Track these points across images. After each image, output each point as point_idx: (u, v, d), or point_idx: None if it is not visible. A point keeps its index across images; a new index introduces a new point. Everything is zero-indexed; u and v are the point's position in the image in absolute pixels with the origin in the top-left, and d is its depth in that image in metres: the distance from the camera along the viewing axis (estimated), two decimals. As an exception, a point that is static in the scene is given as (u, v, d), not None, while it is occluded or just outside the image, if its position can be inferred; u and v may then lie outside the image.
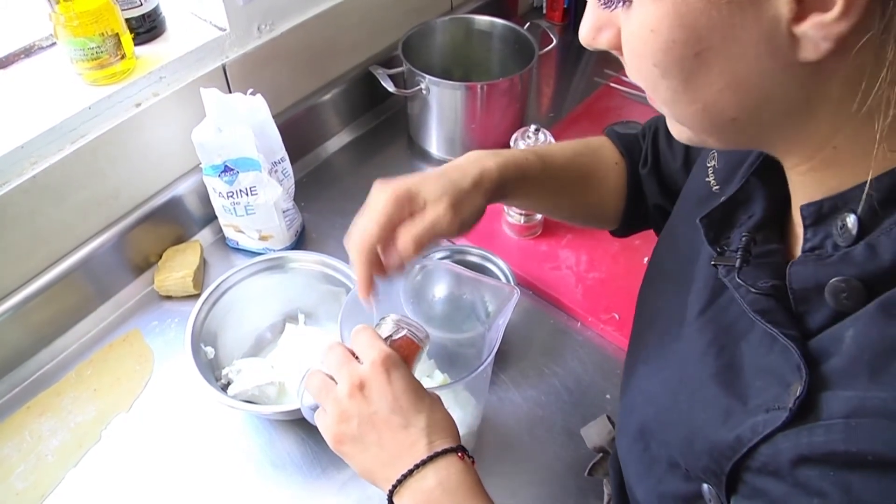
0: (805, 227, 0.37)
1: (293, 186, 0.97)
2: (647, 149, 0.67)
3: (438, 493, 0.47)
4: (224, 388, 0.76)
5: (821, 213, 0.36)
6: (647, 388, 0.51)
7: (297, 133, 1.05)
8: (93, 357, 0.85)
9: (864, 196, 0.33)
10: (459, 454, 0.49)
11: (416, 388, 0.51)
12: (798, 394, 0.34)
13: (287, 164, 0.94)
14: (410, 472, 0.47)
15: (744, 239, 0.42)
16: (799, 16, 0.29)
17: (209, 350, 0.78)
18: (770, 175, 0.43)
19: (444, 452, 0.48)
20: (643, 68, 0.35)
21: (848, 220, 0.34)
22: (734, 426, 0.38)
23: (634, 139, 0.69)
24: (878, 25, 0.28)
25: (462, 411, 0.69)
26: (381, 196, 0.56)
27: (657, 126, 0.67)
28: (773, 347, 0.37)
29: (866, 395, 0.31)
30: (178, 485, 0.73)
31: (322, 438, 0.74)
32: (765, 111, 0.34)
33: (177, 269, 0.90)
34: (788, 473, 0.34)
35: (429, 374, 0.77)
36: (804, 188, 0.39)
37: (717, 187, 0.50)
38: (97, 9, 0.77)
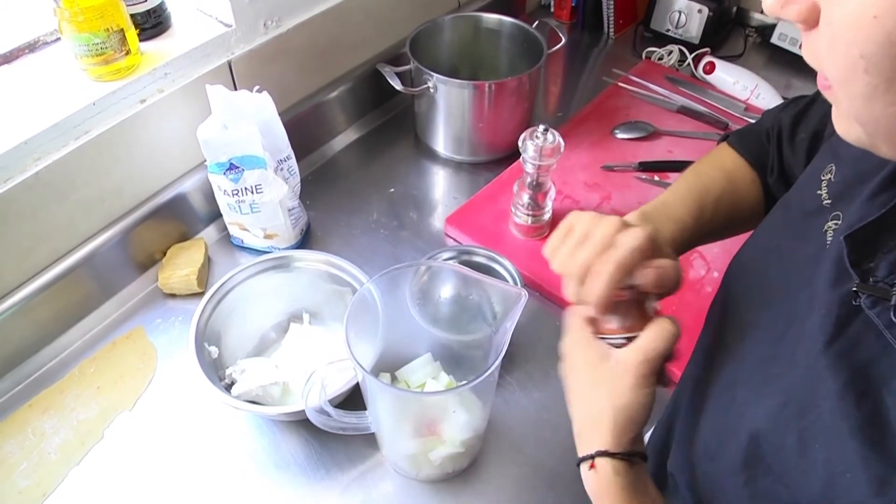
0: None
1: (299, 184, 0.96)
2: (774, 154, 0.64)
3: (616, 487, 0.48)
4: (228, 387, 0.76)
5: None
6: (750, 416, 0.45)
7: (303, 131, 1.05)
8: (96, 355, 0.84)
9: None
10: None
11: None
12: None
13: (293, 161, 0.93)
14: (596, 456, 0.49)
15: None
16: None
17: (213, 349, 0.77)
18: None
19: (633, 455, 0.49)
20: (847, 56, 0.31)
21: None
22: (892, 501, 0.33)
23: (760, 145, 0.66)
24: None
25: (468, 414, 0.68)
26: (640, 234, 0.49)
27: (780, 128, 0.64)
28: None
29: None
30: (180, 484, 0.73)
31: (326, 439, 0.75)
32: None
33: (181, 267, 0.90)
34: None
35: (434, 377, 0.76)
36: None
37: (828, 201, 0.46)
38: (102, 4, 0.76)
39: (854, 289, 0.39)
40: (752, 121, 0.85)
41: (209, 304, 0.77)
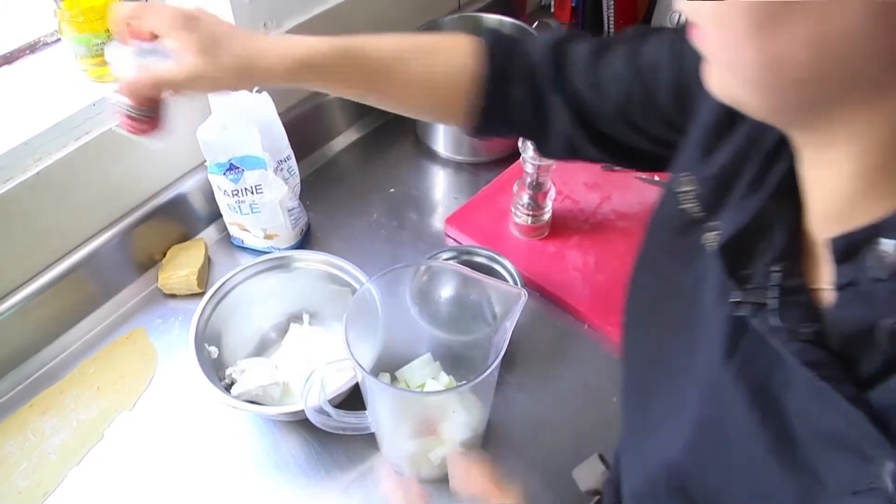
0: (836, 264, 0.33)
1: (299, 185, 0.96)
2: (549, 76, 0.59)
3: None
4: (228, 387, 0.76)
5: (851, 248, 0.32)
6: (670, 457, 0.44)
7: (303, 131, 1.05)
8: (96, 355, 0.84)
9: None
10: None
11: None
12: (893, 471, 0.29)
13: (293, 162, 0.93)
14: None
15: (775, 274, 0.36)
16: None
17: (213, 349, 0.77)
18: (787, 199, 0.38)
19: None
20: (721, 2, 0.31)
21: (884, 248, 0.31)
22: None
23: (508, 49, 0.60)
24: None
25: (468, 414, 0.68)
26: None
27: (569, 57, 0.59)
28: (825, 404, 0.32)
29: None
30: (180, 485, 0.73)
31: (326, 439, 0.75)
32: (833, 81, 0.30)
33: (181, 268, 0.90)
34: None
35: (434, 377, 0.76)
36: (834, 196, 0.34)
37: (699, 213, 0.44)
38: (102, 5, 0.76)
39: (731, 300, 0.38)
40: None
41: (209, 304, 0.77)
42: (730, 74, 0.34)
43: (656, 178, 1.06)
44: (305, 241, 0.97)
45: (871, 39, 0.27)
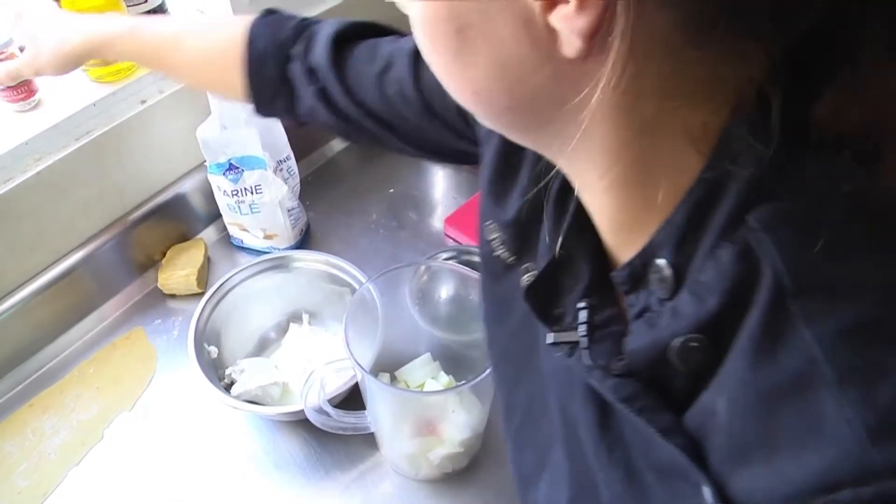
0: (626, 294, 0.33)
1: (298, 185, 0.96)
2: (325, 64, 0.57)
3: None
4: (227, 387, 0.76)
5: (634, 276, 0.32)
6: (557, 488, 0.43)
7: (303, 131, 1.03)
8: (95, 355, 0.84)
9: (660, 234, 0.30)
10: None
11: None
12: (711, 495, 0.28)
13: (292, 162, 0.93)
14: None
15: (583, 311, 0.35)
16: (548, 5, 0.25)
17: (212, 349, 0.77)
18: (585, 233, 0.37)
19: None
20: (419, 39, 0.31)
21: (660, 267, 0.30)
22: None
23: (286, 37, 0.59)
24: (626, 26, 0.24)
25: (467, 414, 0.68)
26: None
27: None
28: (648, 438, 0.31)
29: (775, 476, 0.26)
30: (180, 485, 0.73)
31: (326, 439, 0.75)
32: (538, 105, 0.30)
33: (181, 268, 0.90)
34: None
35: (434, 376, 0.76)
36: (605, 214, 0.34)
37: (512, 258, 0.44)
38: (102, 5, 0.76)
39: (547, 342, 0.37)
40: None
41: (209, 304, 0.78)
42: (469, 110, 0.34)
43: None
44: (305, 241, 0.98)
45: (545, 62, 0.27)
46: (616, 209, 0.32)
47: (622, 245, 0.34)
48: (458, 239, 0.98)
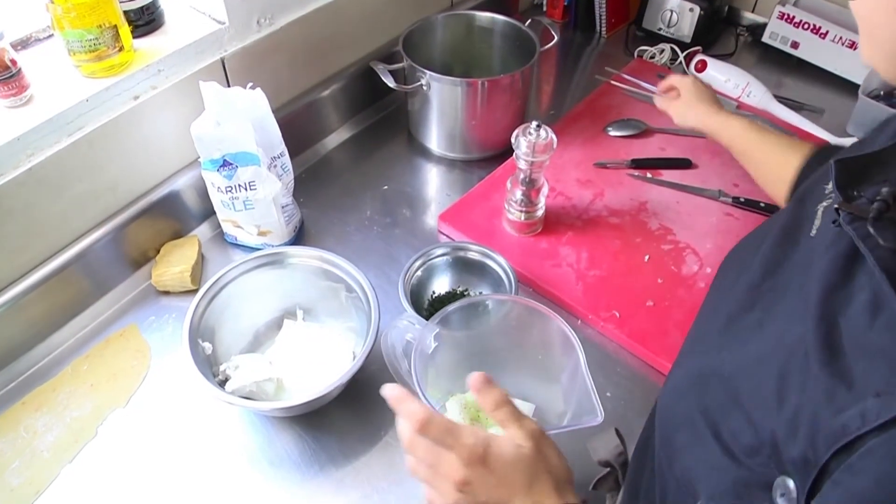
0: None
1: (292, 182, 0.96)
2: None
3: None
4: (222, 383, 0.76)
5: None
6: (731, 361, 0.45)
7: (297, 129, 1.05)
8: (89, 352, 0.84)
9: None
10: None
11: (514, 461, 0.47)
12: None
13: (286, 158, 0.93)
14: None
15: (885, 191, 0.39)
16: None
17: (207, 345, 0.77)
18: None
19: None
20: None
21: None
22: (838, 410, 0.33)
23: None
24: None
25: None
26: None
27: None
28: (876, 321, 0.34)
29: None
30: (174, 481, 0.73)
31: (320, 435, 0.75)
32: None
33: (175, 264, 0.90)
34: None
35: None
36: None
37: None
38: (94, 1, 0.76)
39: (836, 207, 0.40)
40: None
41: (203, 299, 0.77)
42: (877, 43, 0.40)
43: (648, 174, 1.07)
44: (299, 238, 0.97)
45: None
46: None
47: None
48: (451, 235, 0.99)
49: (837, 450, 0.32)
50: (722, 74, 1.24)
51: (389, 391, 0.48)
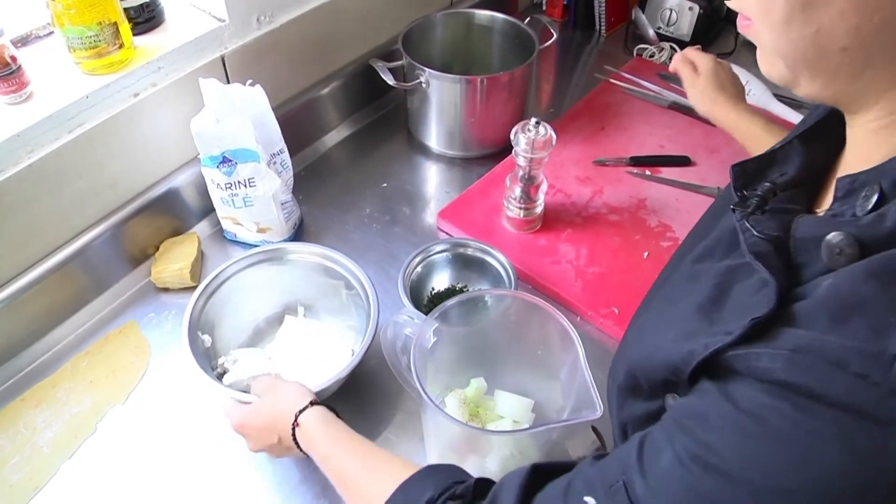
0: (835, 199, 0.39)
1: (292, 179, 0.96)
2: None
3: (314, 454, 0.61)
4: (220, 376, 0.76)
5: (853, 187, 0.38)
6: (644, 323, 0.53)
7: (296, 126, 1.05)
8: (89, 349, 0.84)
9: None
10: (295, 423, 0.62)
11: (263, 416, 0.66)
12: (756, 315, 0.36)
13: (286, 155, 0.93)
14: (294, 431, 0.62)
15: (766, 187, 0.45)
16: None
17: (206, 338, 0.77)
18: (813, 143, 0.46)
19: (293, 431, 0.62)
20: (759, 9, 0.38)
21: (871, 193, 0.36)
22: (692, 342, 0.40)
23: None
24: None
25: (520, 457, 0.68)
26: None
27: None
28: (761, 291, 0.38)
29: (819, 337, 0.33)
30: (172, 477, 0.73)
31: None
32: (876, 46, 0.35)
33: (174, 261, 0.90)
34: (723, 383, 0.37)
35: (518, 419, 0.73)
36: (862, 148, 0.40)
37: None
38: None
39: (731, 207, 0.45)
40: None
41: (203, 295, 0.77)
42: (775, 58, 0.40)
43: (647, 172, 1.07)
44: (298, 235, 0.98)
45: None
46: (868, 140, 0.40)
47: (853, 164, 0.40)
48: (450, 232, 0.99)
49: (692, 370, 0.39)
50: (721, 73, 1.24)
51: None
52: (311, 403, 0.62)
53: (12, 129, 0.74)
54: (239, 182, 0.87)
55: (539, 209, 0.95)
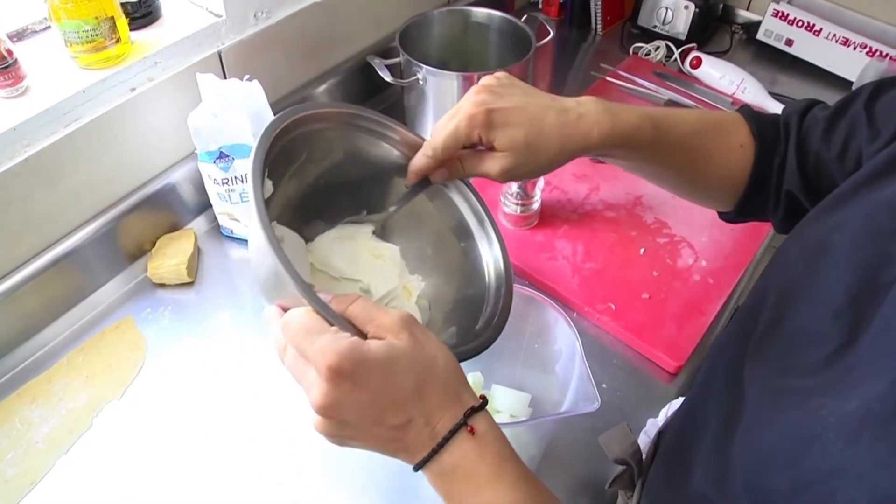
0: None
1: (289, 175, 0.96)
2: (792, 137, 0.60)
3: (460, 474, 0.41)
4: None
5: None
6: (839, 414, 0.36)
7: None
8: (85, 344, 0.84)
9: None
10: (469, 428, 0.41)
11: (386, 366, 0.39)
12: None
13: (283, 152, 0.93)
14: (424, 462, 0.41)
15: None
16: None
17: (269, 184, 0.52)
18: None
19: (451, 435, 0.40)
20: None
21: None
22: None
23: (772, 124, 0.62)
24: None
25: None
26: (466, 109, 0.54)
27: (810, 115, 0.60)
28: None
29: None
30: (168, 472, 0.73)
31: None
32: None
33: (171, 257, 0.89)
34: None
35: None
36: None
37: None
38: (95, -4, 0.76)
39: None
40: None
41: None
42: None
43: (644, 169, 1.07)
44: (295, 231, 0.97)
45: None
46: None
47: None
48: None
49: None
50: (717, 71, 1.25)
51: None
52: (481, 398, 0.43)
53: (8, 123, 0.74)
54: (236, 177, 0.87)
55: (536, 205, 0.95)
